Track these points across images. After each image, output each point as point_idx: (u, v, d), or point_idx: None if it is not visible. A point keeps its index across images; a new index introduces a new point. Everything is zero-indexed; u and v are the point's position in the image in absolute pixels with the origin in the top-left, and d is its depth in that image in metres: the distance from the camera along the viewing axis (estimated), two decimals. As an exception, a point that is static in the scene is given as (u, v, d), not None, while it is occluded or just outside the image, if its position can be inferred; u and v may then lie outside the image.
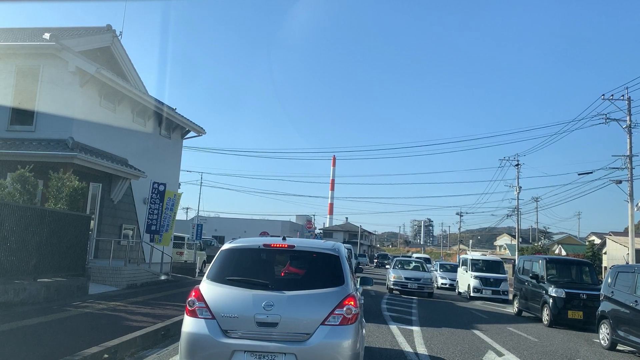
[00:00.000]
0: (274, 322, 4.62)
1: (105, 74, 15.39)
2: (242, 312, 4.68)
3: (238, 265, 5.21)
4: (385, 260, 67.59)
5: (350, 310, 4.76)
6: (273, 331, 4.62)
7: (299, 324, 4.66)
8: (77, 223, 12.51)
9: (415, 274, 21.66)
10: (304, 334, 4.63)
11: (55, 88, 15.03)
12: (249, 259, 5.33)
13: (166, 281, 18.16)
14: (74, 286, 12.25)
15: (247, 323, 4.64)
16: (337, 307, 4.75)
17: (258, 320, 4.62)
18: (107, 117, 16.91)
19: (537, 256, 16.88)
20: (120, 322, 8.88)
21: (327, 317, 4.70)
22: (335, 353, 4.62)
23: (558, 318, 13.23)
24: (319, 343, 4.59)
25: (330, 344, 4.62)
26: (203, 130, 22.35)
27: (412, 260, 25.51)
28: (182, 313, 9.00)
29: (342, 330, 4.69)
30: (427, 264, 26.32)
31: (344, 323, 4.71)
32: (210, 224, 66.26)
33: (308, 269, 5.28)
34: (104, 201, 16.99)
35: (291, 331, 4.64)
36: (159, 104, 19.12)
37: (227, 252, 5.31)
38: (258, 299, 4.70)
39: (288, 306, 4.69)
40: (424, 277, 21.46)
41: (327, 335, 4.63)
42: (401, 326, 11.50)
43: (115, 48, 18.66)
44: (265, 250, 5.35)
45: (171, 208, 17.93)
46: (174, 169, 21.78)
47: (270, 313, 4.63)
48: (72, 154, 14.02)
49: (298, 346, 4.57)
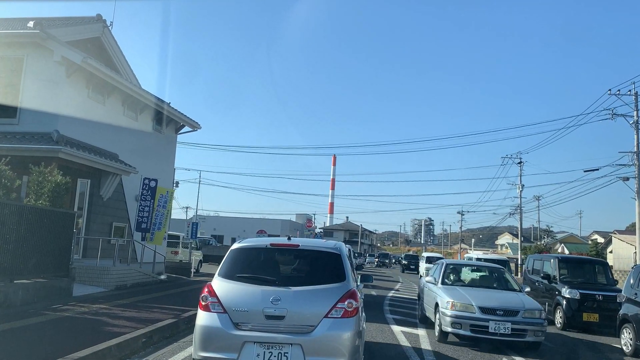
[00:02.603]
0: (281, 315, 4.95)
1: (93, 64, 14.60)
2: (252, 307, 5.02)
3: (247, 263, 5.58)
4: (385, 259, 66.73)
5: (351, 304, 5.07)
6: (280, 324, 4.95)
7: (304, 317, 4.99)
8: (60, 220, 11.73)
9: (501, 300, 9.45)
10: (309, 326, 4.96)
11: (40, 79, 14.24)
12: (257, 257, 5.70)
13: (159, 282, 17.39)
14: (56, 288, 11.48)
15: (256, 316, 4.98)
16: (339, 301, 5.06)
17: (266, 314, 4.96)
18: (95, 110, 16.13)
19: (548, 255, 16.09)
20: (99, 328, 8.11)
21: (329, 310, 5.01)
22: (337, 343, 4.94)
23: (572, 321, 12.44)
24: (322, 334, 4.92)
25: (333, 335, 4.94)
26: (198, 125, 21.56)
27: (481, 267, 12.25)
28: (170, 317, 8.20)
29: (344, 323, 5.00)
30: (509, 275, 11.47)
31: (345, 316, 5.02)
32: (210, 223, 65.54)
33: (312, 266, 5.61)
34: (93, 198, 16.21)
35: (297, 323, 4.97)
36: (152, 97, 18.34)
37: (237, 251, 5.68)
38: (266, 294, 5.05)
39: (294, 301, 5.03)
40: (520, 305, 9.20)
41: (330, 327, 4.95)
42: (406, 329, 10.72)
43: (106, 39, 17.90)
44: (272, 249, 5.72)
45: (164, 205, 17.14)
46: (168, 165, 20.98)
47: (277, 307, 4.96)
48: (56, 147, 13.24)
49: (303, 337, 4.90)
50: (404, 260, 54.25)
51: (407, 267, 50.43)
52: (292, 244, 5.74)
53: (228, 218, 67.76)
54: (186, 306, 11.39)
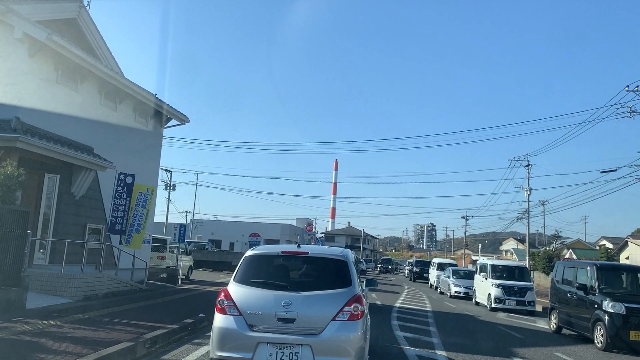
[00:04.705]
0: (292, 318, 5.28)
1: (59, 42, 12.76)
2: (265, 310, 5.35)
3: (260, 269, 5.92)
4: (389, 265, 64.52)
5: (357, 308, 5.38)
6: (291, 326, 5.27)
7: (313, 319, 5.31)
8: (9, 220, 9.88)
9: None
10: (318, 327, 5.28)
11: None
12: (270, 263, 6.07)
13: (138, 291, 15.51)
14: (3, 300, 9.61)
15: (269, 319, 5.32)
16: (346, 305, 5.36)
17: (278, 317, 5.29)
18: (66, 97, 14.31)
19: (583, 261, 14.20)
20: (28, 356, 6.24)
21: (337, 313, 5.32)
22: (344, 344, 5.24)
23: (616, 340, 10.51)
24: (330, 336, 5.23)
25: (340, 336, 5.25)
26: (186, 119, 19.71)
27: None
28: (128, 339, 7.32)
29: (351, 325, 5.32)
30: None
31: (352, 319, 5.33)
32: (207, 227, 63.51)
33: (320, 272, 5.95)
34: (63, 196, 14.33)
35: (306, 326, 5.28)
36: (134, 85, 16.52)
37: (251, 258, 6.01)
38: (278, 298, 5.38)
39: (304, 304, 5.35)
40: None
41: (337, 329, 5.27)
42: (422, 353, 8.83)
43: (83, 20, 16.07)
44: (283, 256, 6.10)
45: (143, 204, 15.26)
46: (152, 162, 19.09)
47: (288, 310, 5.29)
48: (13, 135, 11.40)
49: (312, 338, 5.22)
50: (415, 266, 43.35)
51: (419, 276, 40.50)
52: (301, 251, 6.11)
53: (226, 222, 65.64)
54: (159, 322, 9.51)
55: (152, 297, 14.40)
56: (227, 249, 54.40)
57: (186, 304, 13.59)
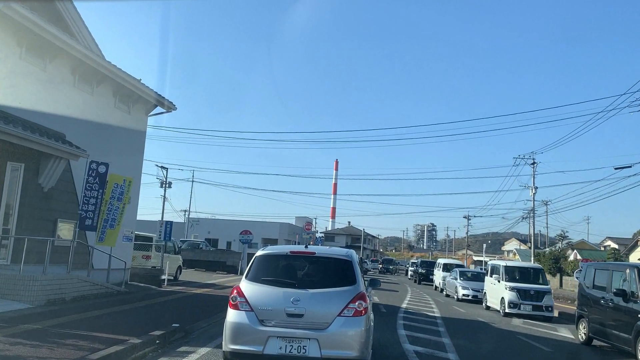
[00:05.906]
0: (300, 314, 5.72)
1: (17, 9, 11.16)
2: (275, 306, 5.80)
3: (270, 268, 6.39)
4: (390, 265, 62.88)
5: (361, 305, 5.82)
6: (299, 321, 5.72)
7: (320, 315, 5.75)
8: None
9: None
10: (324, 323, 5.72)
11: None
12: (279, 262, 6.53)
13: (115, 293, 13.93)
14: (-63, 307, 8.05)
15: (278, 314, 5.76)
16: (351, 302, 5.81)
17: (288, 312, 5.73)
18: (32, 76, 12.72)
19: (620, 264, 12.59)
20: None
21: (342, 310, 5.76)
22: (349, 339, 5.69)
23: (665, 356, 8.92)
24: (336, 330, 5.68)
25: (345, 331, 5.70)
26: (173, 106, 18.11)
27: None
28: (83, 354, 6.47)
29: (355, 321, 5.75)
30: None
31: (356, 315, 5.76)
32: (204, 226, 61.89)
33: (326, 271, 6.38)
34: (29, 188, 12.75)
35: (314, 321, 5.73)
36: (112, 67, 14.92)
37: (261, 258, 6.48)
38: (287, 295, 5.83)
39: (311, 301, 5.80)
40: None
41: (342, 324, 5.71)
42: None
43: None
44: (292, 256, 6.60)
45: (119, 197, 13.64)
46: (135, 152, 17.44)
47: (297, 306, 5.74)
48: (-39, 115, 9.85)
49: (319, 333, 5.66)
50: (420, 267, 39.77)
51: (425, 278, 37.13)
52: (309, 251, 6.58)
53: (223, 221, 63.95)
54: (124, 333, 7.93)
55: (128, 301, 12.82)
56: (224, 247, 52.71)
57: (165, 310, 12.02)
